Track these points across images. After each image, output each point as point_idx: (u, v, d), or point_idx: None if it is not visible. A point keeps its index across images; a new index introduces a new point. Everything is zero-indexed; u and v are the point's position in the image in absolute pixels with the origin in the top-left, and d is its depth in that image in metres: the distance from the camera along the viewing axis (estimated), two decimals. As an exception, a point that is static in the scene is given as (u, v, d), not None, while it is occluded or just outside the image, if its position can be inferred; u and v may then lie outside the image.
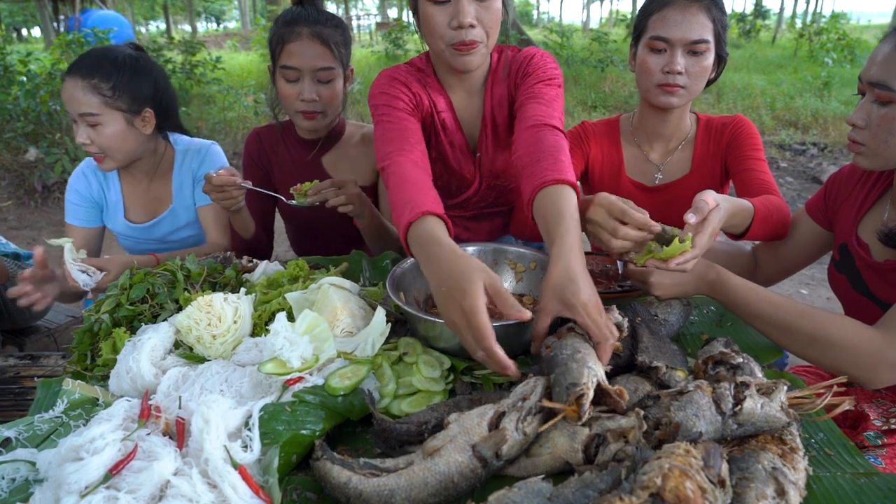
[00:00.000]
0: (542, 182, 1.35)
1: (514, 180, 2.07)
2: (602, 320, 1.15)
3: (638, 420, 1.03)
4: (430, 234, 1.29)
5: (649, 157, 2.18)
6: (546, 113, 1.57)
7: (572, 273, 1.19)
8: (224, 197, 1.96)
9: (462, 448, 0.99)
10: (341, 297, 1.44)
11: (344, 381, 1.21)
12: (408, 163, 1.51)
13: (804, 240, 1.81)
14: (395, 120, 1.64)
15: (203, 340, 1.37)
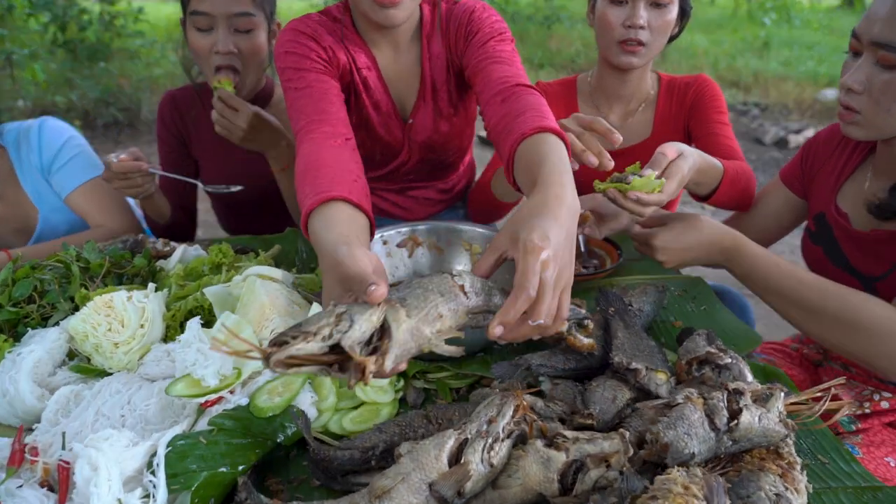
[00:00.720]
0: (522, 133, 1.11)
1: (451, 154, 1.86)
2: (538, 272, 0.84)
3: (623, 444, 0.88)
4: (324, 223, 1.05)
5: (608, 119, 2.03)
6: (511, 73, 1.35)
7: (543, 210, 0.90)
8: (129, 185, 1.70)
9: (417, 488, 0.82)
10: (270, 292, 1.22)
11: (273, 399, 1.02)
12: (320, 139, 1.26)
13: (778, 210, 1.70)
14: (305, 85, 1.38)
15: (102, 349, 1.14)
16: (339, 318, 0.75)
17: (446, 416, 1.00)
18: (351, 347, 0.73)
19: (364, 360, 0.74)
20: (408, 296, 0.82)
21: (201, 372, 1.00)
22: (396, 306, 0.80)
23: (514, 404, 0.90)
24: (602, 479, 0.89)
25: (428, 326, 0.82)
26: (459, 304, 0.86)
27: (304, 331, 0.71)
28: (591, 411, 0.98)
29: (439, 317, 0.83)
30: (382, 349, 0.78)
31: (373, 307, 0.78)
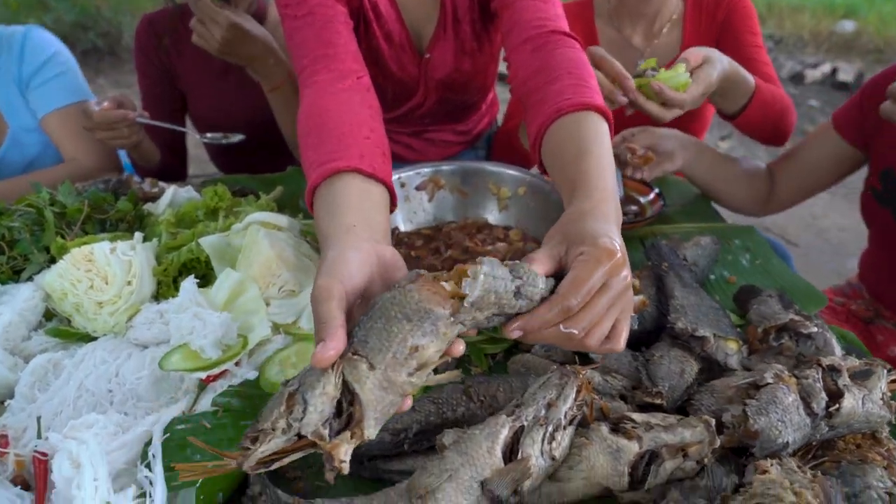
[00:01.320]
0: (559, 109, 0.92)
1: (473, 94, 1.66)
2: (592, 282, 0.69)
3: (709, 434, 0.74)
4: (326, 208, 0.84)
5: (631, 41, 1.82)
6: (547, 14, 1.11)
7: (600, 217, 0.77)
8: (114, 136, 1.51)
9: (467, 487, 0.68)
10: (275, 243, 1.06)
11: (286, 371, 0.87)
12: (324, 85, 1.02)
13: (828, 158, 1.52)
14: (307, 11, 1.11)
15: (84, 310, 0.99)
16: (290, 402, 0.61)
17: (489, 393, 0.86)
18: (314, 435, 0.60)
19: (332, 448, 0.61)
20: (369, 335, 0.63)
21: (199, 342, 0.84)
22: (354, 360, 0.62)
23: (576, 385, 0.76)
24: (678, 471, 0.76)
25: (401, 370, 0.63)
26: (438, 319, 0.64)
27: (260, 429, 0.61)
28: (660, 389, 0.84)
29: (413, 351, 0.63)
30: (356, 418, 0.62)
31: (325, 374, 0.62)
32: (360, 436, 0.62)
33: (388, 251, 0.77)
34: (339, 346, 0.63)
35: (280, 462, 0.63)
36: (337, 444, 0.61)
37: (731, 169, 1.53)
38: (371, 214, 0.83)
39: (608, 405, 0.82)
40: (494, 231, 1.32)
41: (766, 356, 0.93)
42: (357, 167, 0.86)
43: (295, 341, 0.94)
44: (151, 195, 1.38)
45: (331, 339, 0.63)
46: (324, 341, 0.63)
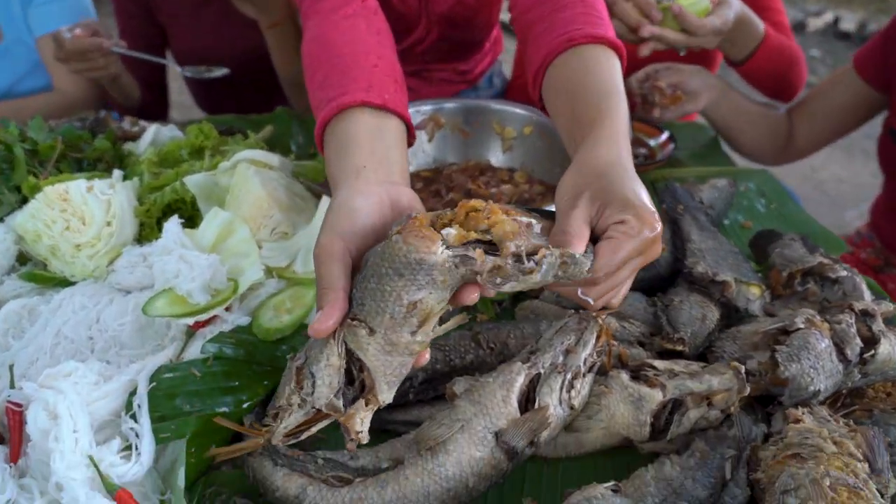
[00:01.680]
0: (570, 38, 0.81)
1: (477, 32, 1.55)
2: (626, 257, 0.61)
3: (738, 381, 0.69)
4: (336, 148, 0.75)
5: None
6: None
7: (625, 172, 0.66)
8: (88, 67, 1.41)
9: (480, 439, 0.64)
10: (266, 182, 0.99)
11: (281, 317, 0.81)
12: (326, 12, 0.91)
13: (849, 101, 1.45)
14: None
15: (61, 253, 0.92)
16: (299, 378, 0.58)
17: (499, 339, 0.81)
18: (329, 407, 0.57)
19: (346, 419, 0.57)
20: (365, 297, 0.58)
21: (186, 286, 0.78)
22: (353, 326, 0.57)
23: (596, 330, 0.70)
24: (701, 421, 0.71)
25: (402, 330, 0.57)
26: (432, 268, 0.56)
27: (278, 407, 0.59)
28: (682, 335, 0.79)
29: (411, 308, 0.57)
30: (368, 385, 0.58)
31: (327, 344, 0.57)
32: (375, 402, 0.58)
33: (404, 194, 0.68)
34: (338, 315, 0.57)
35: (309, 432, 0.60)
36: (351, 415, 0.57)
37: (753, 112, 1.45)
38: (384, 153, 0.74)
39: (627, 352, 0.77)
40: (498, 173, 1.24)
41: (789, 302, 0.88)
42: (365, 100, 0.76)
43: (290, 286, 0.88)
44: (131, 134, 1.29)
45: (330, 307, 0.57)
46: (322, 310, 0.57)
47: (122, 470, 0.61)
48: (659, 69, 1.41)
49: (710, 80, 1.39)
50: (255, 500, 0.69)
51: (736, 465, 0.64)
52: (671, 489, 0.62)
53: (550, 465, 0.73)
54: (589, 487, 0.61)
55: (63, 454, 0.59)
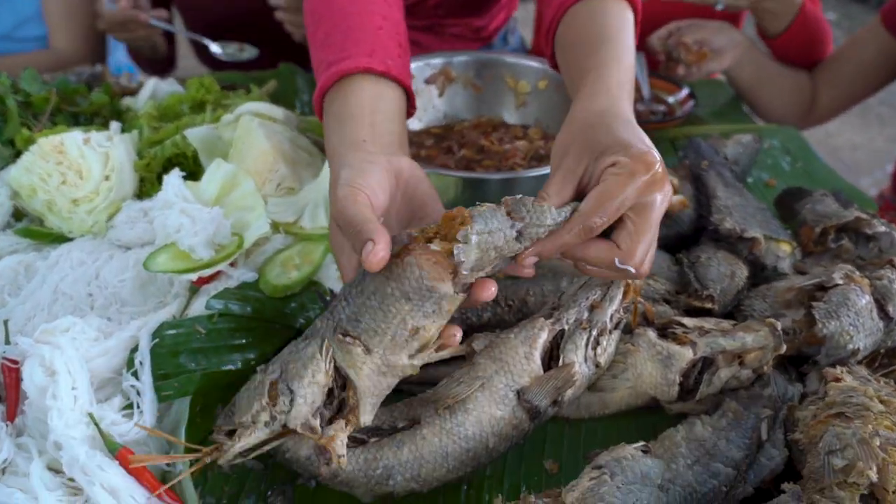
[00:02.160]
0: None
1: None
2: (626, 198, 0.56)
3: (774, 338, 0.65)
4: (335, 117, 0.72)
5: None
6: None
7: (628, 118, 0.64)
8: (130, 38, 1.43)
9: (502, 397, 0.60)
10: (271, 135, 0.94)
11: (289, 273, 0.78)
12: None
13: (876, 58, 1.39)
14: None
15: (57, 208, 0.88)
16: (273, 394, 0.54)
17: (518, 296, 0.77)
18: (304, 428, 0.53)
19: (326, 442, 0.53)
20: (360, 313, 0.55)
21: (188, 241, 0.74)
22: (346, 343, 0.54)
23: (622, 285, 0.66)
24: (732, 381, 0.68)
25: (401, 353, 0.55)
26: (443, 298, 0.54)
27: (239, 422, 0.55)
28: (711, 292, 0.75)
29: (414, 332, 0.54)
30: (350, 405, 0.55)
31: (313, 360, 0.53)
32: (356, 423, 0.55)
33: (404, 162, 0.65)
34: (389, 247, 0.53)
35: (261, 450, 0.56)
36: (332, 438, 0.53)
37: (778, 73, 1.39)
38: (384, 125, 0.71)
39: (653, 309, 0.73)
40: (512, 129, 1.19)
41: (821, 259, 0.83)
42: (367, 66, 0.72)
43: (297, 241, 0.84)
44: (129, 90, 1.24)
45: (378, 238, 0.53)
46: (371, 241, 0.53)
47: (124, 428, 0.58)
48: (682, 26, 1.35)
49: (735, 37, 1.33)
50: (264, 462, 0.66)
51: (772, 425, 0.60)
52: (704, 450, 0.58)
53: (572, 426, 0.70)
54: (617, 448, 0.57)
55: (61, 412, 0.56)
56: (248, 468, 0.66)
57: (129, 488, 0.54)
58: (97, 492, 0.53)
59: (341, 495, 0.63)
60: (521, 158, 1.10)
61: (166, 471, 0.60)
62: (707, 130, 1.28)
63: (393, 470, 0.59)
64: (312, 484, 0.64)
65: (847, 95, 1.42)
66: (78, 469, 0.53)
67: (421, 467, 0.59)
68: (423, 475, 0.59)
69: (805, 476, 0.54)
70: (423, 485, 0.60)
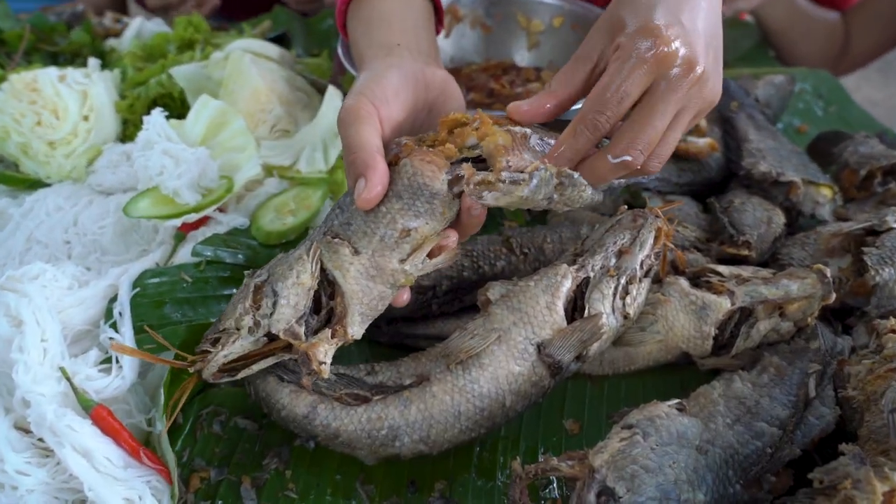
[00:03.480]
0: None
1: None
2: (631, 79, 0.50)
3: (823, 286, 0.59)
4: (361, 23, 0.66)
5: None
6: None
7: None
8: None
9: (521, 351, 0.54)
10: (265, 73, 0.86)
11: (284, 219, 0.71)
12: None
13: None
14: None
15: (33, 151, 0.81)
16: (257, 296, 0.52)
17: (534, 244, 0.70)
18: (287, 333, 0.50)
19: (308, 348, 0.50)
20: (353, 216, 0.52)
21: (172, 183, 0.67)
22: (334, 244, 0.51)
23: (654, 228, 0.60)
24: (771, 334, 0.61)
25: (392, 255, 0.52)
26: (434, 196, 0.50)
27: (223, 329, 0.52)
28: (748, 238, 0.68)
29: (405, 234, 0.51)
30: (338, 314, 0.51)
31: (299, 261, 0.51)
32: (343, 334, 0.51)
33: (439, 74, 0.60)
34: (385, 180, 0.50)
35: (248, 370, 0.53)
36: (315, 344, 0.50)
37: (810, 15, 1.29)
38: (417, 32, 0.65)
39: (684, 256, 0.66)
40: (524, 72, 1.11)
41: (865, 205, 0.77)
42: None
43: (293, 186, 0.77)
44: (113, 31, 1.16)
45: (373, 171, 0.49)
46: (363, 177, 0.49)
47: (100, 384, 0.52)
48: None
49: None
50: (258, 421, 0.61)
51: (820, 381, 0.54)
52: (745, 408, 0.52)
53: (594, 383, 0.64)
54: (649, 406, 0.51)
55: (28, 366, 0.50)
56: (240, 428, 0.60)
57: (103, 450, 0.49)
58: (67, 454, 0.47)
59: (342, 457, 0.58)
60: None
61: (147, 431, 0.54)
62: (733, 73, 1.20)
63: (399, 430, 0.54)
64: (311, 445, 0.59)
65: (884, 40, 1.32)
66: (46, 429, 0.48)
67: (430, 428, 0.53)
68: (433, 436, 0.54)
69: (863, 437, 0.48)
70: (432, 447, 0.54)
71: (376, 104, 0.52)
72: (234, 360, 0.52)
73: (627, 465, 0.45)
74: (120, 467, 0.49)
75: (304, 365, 0.50)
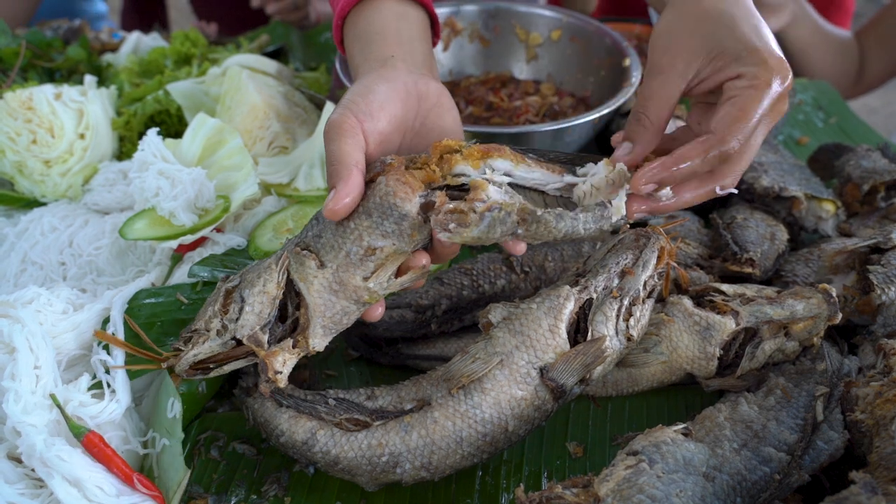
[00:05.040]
0: None
1: None
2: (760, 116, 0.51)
3: (829, 306, 0.58)
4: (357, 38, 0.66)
5: None
6: None
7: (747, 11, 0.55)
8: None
9: (523, 376, 0.53)
10: (263, 89, 0.86)
11: (282, 238, 0.70)
12: None
13: None
14: None
15: (28, 170, 0.80)
16: (227, 301, 0.53)
17: (535, 262, 0.69)
18: (251, 339, 0.51)
19: (267, 356, 0.51)
20: (325, 229, 0.53)
21: (167, 205, 0.66)
22: (302, 255, 0.52)
23: (657, 248, 0.59)
24: (776, 354, 0.61)
25: (355, 272, 0.52)
26: (403, 218, 0.50)
27: (193, 329, 0.53)
28: (752, 255, 0.67)
29: (370, 252, 0.51)
30: (301, 326, 0.53)
31: (268, 269, 0.53)
32: (305, 346, 0.52)
33: (433, 86, 0.59)
34: (356, 193, 0.50)
35: (220, 370, 0.54)
36: (274, 353, 0.51)
37: (830, 38, 1.25)
38: (412, 43, 0.64)
39: (686, 275, 0.65)
40: (523, 85, 1.11)
41: (869, 220, 0.76)
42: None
43: (291, 204, 0.76)
44: (110, 45, 1.15)
45: (343, 183, 0.49)
46: (335, 188, 0.50)
47: (94, 410, 0.51)
48: None
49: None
50: (256, 446, 0.60)
51: (828, 403, 0.53)
52: (751, 432, 0.51)
53: (598, 405, 0.63)
54: (654, 431, 0.50)
55: (19, 395, 0.49)
56: (238, 453, 0.59)
57: (95, 478, 0.48)
58: (57, 484, 0.46)
59: (342, 483, 0.57)
60: (534, 115, 1.02)
61: (144, 454, 0.53)
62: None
63: (401, 457, 0.53)
64: (311, 471, 0.58)
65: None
66: (36, 459, 0.47)
67: (432, 454, 0.52)
68: (435, 462, 0.53)
69: (873, 463, 0.47)
70: (434, 473, 0.53)
71: (360, 118, 0.52)
72: (204, 360, 0.53)
73: (634, 494, 0.44)
74: (112, 496, 0.48)
75: (263, 372, 0.51)
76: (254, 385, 0.57)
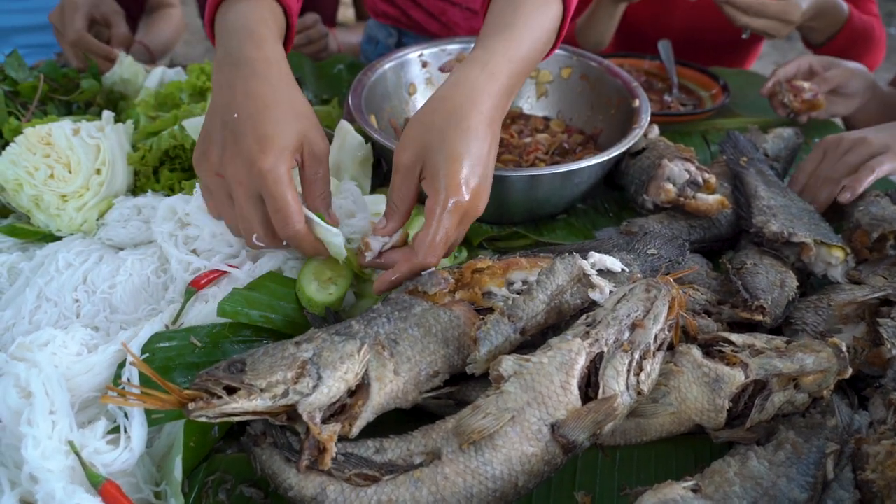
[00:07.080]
0: None
1: None
2: (446, 225, 0.64)
3: (840, 360, 0.58)
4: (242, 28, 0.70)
5: None
6: None
7: (455, 120, 0.64)
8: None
9: (535, 433, 0.53)
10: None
11: (328, 289, 0.71)
12: None
13: None
14: None
15: (45, 204, 0.81)
16: (300, 370, 0.54)
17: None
18: (310, 416, 0.53)
19: (326, 440, 0.52)
20: (400, 337, 0.59)
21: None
22: (384, 356, 0.57)
23: (668, 300, 0.59)
24: (786, 406, 0.61)
25: (418, 388, 0.59)
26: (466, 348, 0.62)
27: (249, 383, 0.52)
28: (762, 303, 0.68)
29: (434, 375, 0.60)
30: (352, 412, 0.56)
31: (351, 358, 0.55)
32: (347, 432, 0.55)
33: None
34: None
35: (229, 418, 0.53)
36: (331, 437, 0.52)
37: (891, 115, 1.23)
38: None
39: (695, 323, 0.66)
40: (532, 121, 1.12)
41: (878, 267, 0.76)
42: None
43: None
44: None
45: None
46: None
47: (108, 458, 0.51)
48: (815, 63, 1.17)
49: (869, 80, 1.16)
50: (264, 489, 0.60)
51: (838, 461, 0.53)
52: (761, 490, 0.51)
53: (606, 454, 0.63)
54: (663, 487, 0.51)
55: (37, 440, 0.49)
56: (246, 497, 0.60)
57: (111, 529, 0.48)
58: (75, 535, 0.46)
59: (350, 534, 0.57)
60: (544, 152, 1.03)
61: None
62: (740, 123, 1.21)
63: (410, 511, 0.53)
64: (319, 518, 0.57)
65: None
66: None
67: (441, 508, 0.52)
68: (444, 516, 0.53)
69: (884, 527, 0.47)
70: (443, 526, 0.53)
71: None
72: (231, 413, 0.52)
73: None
74: (125, 547, 0.48)
75: (311, 449, 0.52)
76: (262, 433, 0.57)
